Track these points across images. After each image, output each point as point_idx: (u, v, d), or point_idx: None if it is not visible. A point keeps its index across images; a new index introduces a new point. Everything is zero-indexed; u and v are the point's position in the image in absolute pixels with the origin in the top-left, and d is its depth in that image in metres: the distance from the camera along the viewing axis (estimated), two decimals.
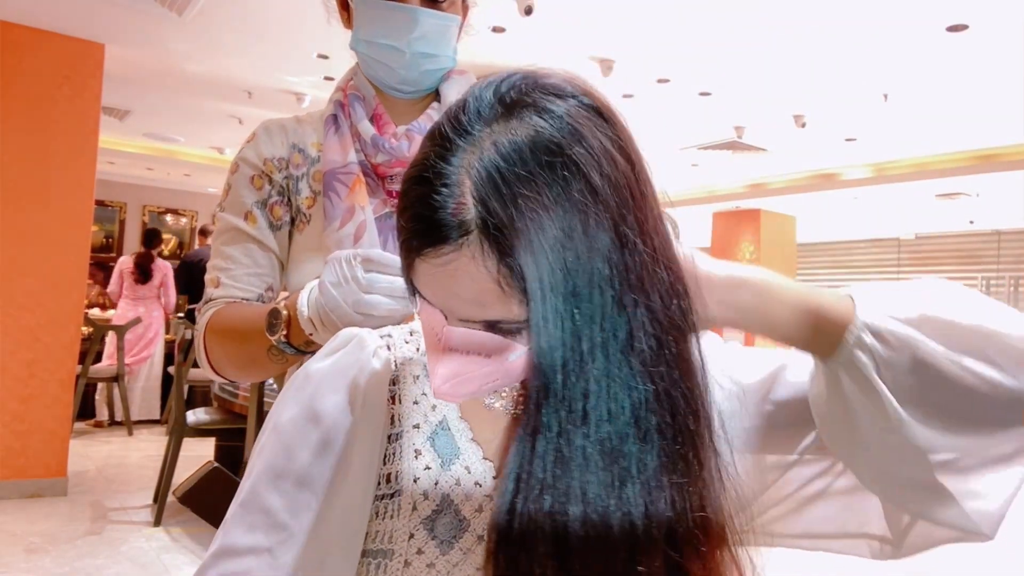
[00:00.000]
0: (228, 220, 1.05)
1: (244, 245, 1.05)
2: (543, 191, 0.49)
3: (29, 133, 4.11)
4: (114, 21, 4.05)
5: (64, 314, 4.21)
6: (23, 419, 4.10)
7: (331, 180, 1.01)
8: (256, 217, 1.05)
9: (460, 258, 0.51)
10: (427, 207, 0.51)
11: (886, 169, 6.16)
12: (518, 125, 0.51)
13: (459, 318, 0.54)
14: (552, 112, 0.51)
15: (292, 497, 0.60)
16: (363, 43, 1.03)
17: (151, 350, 6.31)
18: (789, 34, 3.75)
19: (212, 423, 3.89)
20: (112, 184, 8.79)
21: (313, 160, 1.07)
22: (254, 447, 0.65)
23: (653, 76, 4.37)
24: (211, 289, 1.05)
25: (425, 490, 0.61)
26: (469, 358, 0.54)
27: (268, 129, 1.08)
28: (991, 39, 3.64)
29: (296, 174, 1.06)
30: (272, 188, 1.06)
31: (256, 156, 1.06)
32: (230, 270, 1.04)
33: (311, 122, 1.10)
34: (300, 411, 0.62)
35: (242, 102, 5.48)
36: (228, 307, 1.02)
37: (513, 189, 0.49)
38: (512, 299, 0.51)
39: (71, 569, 3.15)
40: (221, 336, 1.01)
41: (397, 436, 0.63)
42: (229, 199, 1.07)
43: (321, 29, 4.08)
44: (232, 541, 0.59)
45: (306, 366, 0.66)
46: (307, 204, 1.06)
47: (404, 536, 0.60)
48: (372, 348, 0.65)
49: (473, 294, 0.52)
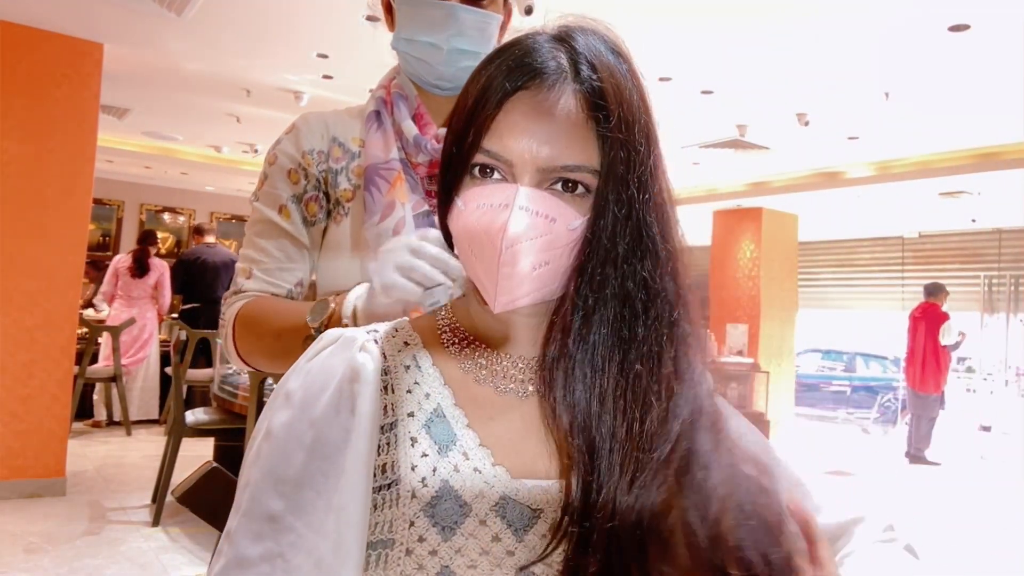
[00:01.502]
0: (262, 211, 1.07)
1: (277, 239, 1.06)
2: (617, 75, 0.62)
3: (28, 132, 4.10)
4: (113, 21, 4.04)
5: (60, 314, 4.20)
6: (22, 419, 4.09)
7: (373, 175, 1.03)
8: (291, 212, 1.06)
9: (557, 95, 0.60)
10: (526, 53, 0.62)
11: (888, 167, 6.15)
12: (586, 35, 0.64)
13: (537, 165, 0.60)
14: (608, 36, 0.66)
15: (294, 498, 0.59)
16: (404, 41, 1.06)
17: (146, 351, 6.29)
18: (791, 33, 3.73)
19: (211, 423, 3.88)
20: (110, 182, 8.78)
21: (353, 155, 1.08)
22: (247, 455, 0.64)
23: (655, 74, 4.36)
24: (242, 279, 1.07)
25: (423, 477, 0.61)
26: (535, 219, 0.59)
27: (308, 121, 1.09)
28: (992, 39, 3.63)
29: (335, 167, 1.07)
30: (308, 183, 1.07)
31: (295, 149, 1.07)
32: (263, 263, 1.06)
33: (352, 116, 1.11)
34: (291, 413, 0.62)
35: (241, 101, 5.46)
36: (261, 300, 1.04)
37: (599, 61, 0.62)
38: (591, 147, 0.60)
39: (70, 569, 3.14)
40: (254, 327, 1.02)
41: (391, 426, 0.63)
42: (264, 190, 1.08)
43: (320, 28, 4.09)
44: (242, 552, 0.59)
45: (292, 368, 0.66)
46: (345, 197, 1.07)
47: (404, 524, 0.60)
48: (359, 342, 0.65)
49: (566, 126, 0.60)
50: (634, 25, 3.71)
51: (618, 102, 0.61)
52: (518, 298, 0.62)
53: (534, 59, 0.61)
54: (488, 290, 0.62)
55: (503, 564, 0.59)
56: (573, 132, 0.60)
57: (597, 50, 0.63)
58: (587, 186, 0.61)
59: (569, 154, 0.60)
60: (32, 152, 4.11)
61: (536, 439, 0.64)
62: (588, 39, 0.64)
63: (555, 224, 0.60)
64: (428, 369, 0.66)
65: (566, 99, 0.60)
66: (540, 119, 0.60)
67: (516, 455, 0.63)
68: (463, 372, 0.67)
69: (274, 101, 5.38)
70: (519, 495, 0.61)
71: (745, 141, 5.63)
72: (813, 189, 6.81)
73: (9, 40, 4.06)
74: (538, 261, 0.60)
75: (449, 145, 0.65)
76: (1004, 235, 8.41)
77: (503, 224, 0.59)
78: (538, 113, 0.60)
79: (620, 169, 0.61)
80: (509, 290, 0.61)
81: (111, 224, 9.16)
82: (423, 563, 0.59)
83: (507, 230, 0.59)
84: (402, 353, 0.67)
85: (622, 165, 0.61)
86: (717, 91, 4.65)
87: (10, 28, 4.07)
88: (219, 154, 7.49)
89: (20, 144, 4.07)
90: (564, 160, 0.60)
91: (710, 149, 5.93)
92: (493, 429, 0.64)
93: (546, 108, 0.60)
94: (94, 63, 4.32)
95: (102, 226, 9.01)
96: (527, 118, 0.60)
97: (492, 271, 0.60)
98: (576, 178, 0.61)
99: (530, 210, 0.60)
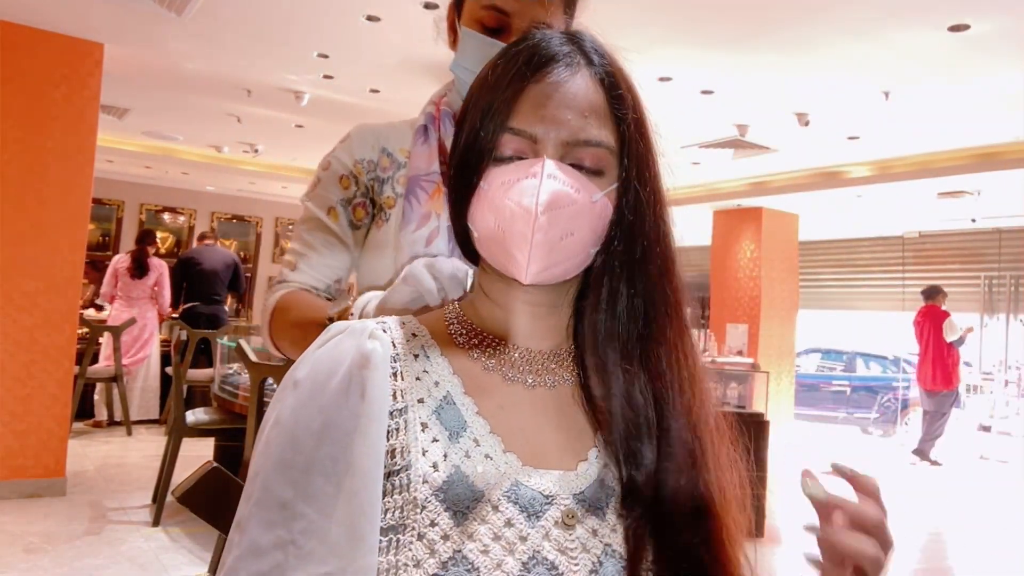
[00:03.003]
0: (313, 211, 1.16)
1: (325, 237, 1.15)
2: (622, 65, 0.68)
3: (27, 132, 4.10)
4: (113, 21, 4.04)
5: (60, 314, 4.20)
6: (22, 419, 4.09)
7: (414, 185, 1.11)
8: (339, 214, 1.15)
9: (576, 77, 0.65)
10: (540, 44, 0.66)
11: (888, 167, 6.15)
12: (587, 34, 0.69)
13: (561, 139, 0.63)
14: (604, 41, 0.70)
15: (303, 485, 0.59)
16: (463, 69, 1.11)
17: (147, 351, 6.29)
18: (791, 32, 3.73)
19: (211, 423, 3.88)
20: (110, 182, 8.77)
21: (400, 164, 1.16)
22: (256, 445, 0.64)
23: (655, 74, 4.36)
24: (287, 271, 1.16)
25: (435, 462, 0.61)
26: (563, 188, 0.62)
27: (361, 132, 1.18)
28: (993, 39, 3.63)
29: (383, 176, 1.16)
30: (358, 189, 1.15)
31: (348, 157, 1.16)
32: (307, 257, 1.15)
33: (401, 129, 1.19)
34: (300, 400, 0.62)
35: (241, 101, 5.46)
36: (299, 292, 1.12)
37: (606, 51, 0.68)
38: (608, 127, 0.65)
39: (70, 569, 3.14)
40: (287, 314, 1.10)
41: (401, 411, 0.63)
42: (317, 192, 1.17)
43: (320, 28, 4.09)
44: (254, 540, 0.59)
45: (301, 357, 0.66)
46: (388, 204, 1.15)
47: (416, 509, 0.60)
48: (368, 331, 0.65)
49: (585, 104, 0.64)
50: (634, 25, 3.71)
51: (628, 87, 0.67)
52: (548, 267, 0.64)
53: (549, 47, 0.66)
54: (519, 261, 0.63)
55: (516, 549, 0.59)
56: (591, 111, 0.64)
57: (601, 44, 0.69)
58: (601, 166, 0.65)
59: (590, 130, 0.64)
60: (32, 152, 4.11)
61: (545, 427, 0.65)
62: (591, 36, 0.69)
63: (580, 195, 0.63)
64: (437, 358, 0.67)
65: (584, 80, 0.65)
66: (561, 97, 0.64)
67: (526, 443, 0.64)
68: (471, 361, 0.68)
69: (274, 101, 5.38)
70: (531, 481, 0.62)
71: (745, 141, 5.63)
72: (813, 189, 6.81)
73: (9, 40, 4.06)
74: (566, 230, 0.63)
75: (468, 134, 0.67)
76: (1004, 235, 8.40)
77: (536, 191, 0.62)
78: (559, 92, 0.64)
79: (639, 148, 0.66)
80: (540, 258, 0.63)
81: (111, 224, 9.15)
82: (435, 548, 0.59)
83: (540, 196, 0.61)
84: (411, 343, 0.67)
85: (640, 144, 0.66)
86: (717, 91, 4.65)
87: (10, 28, 4.07)
88: (219, 154, 7.49)
89: (20, 144, 4.08)
90: (586, 135, 0.64)
91: (710, 149, 5.93)
92: (502, 417, 0.65)
93: (566, 88, 0.64)
94: (94, 63, 4.32)
95: (102, 226, 9.01)
96: (549, 97, 0.64)
97: (524, 240, 0.62)
98: (593, 155, 0.64)
99: (558, 178, 0.62)
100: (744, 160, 6.35)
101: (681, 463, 0.64)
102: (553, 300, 0.69)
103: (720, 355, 6.90)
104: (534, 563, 0.59)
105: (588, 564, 0.61)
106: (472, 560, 0.59)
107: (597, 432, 0.67)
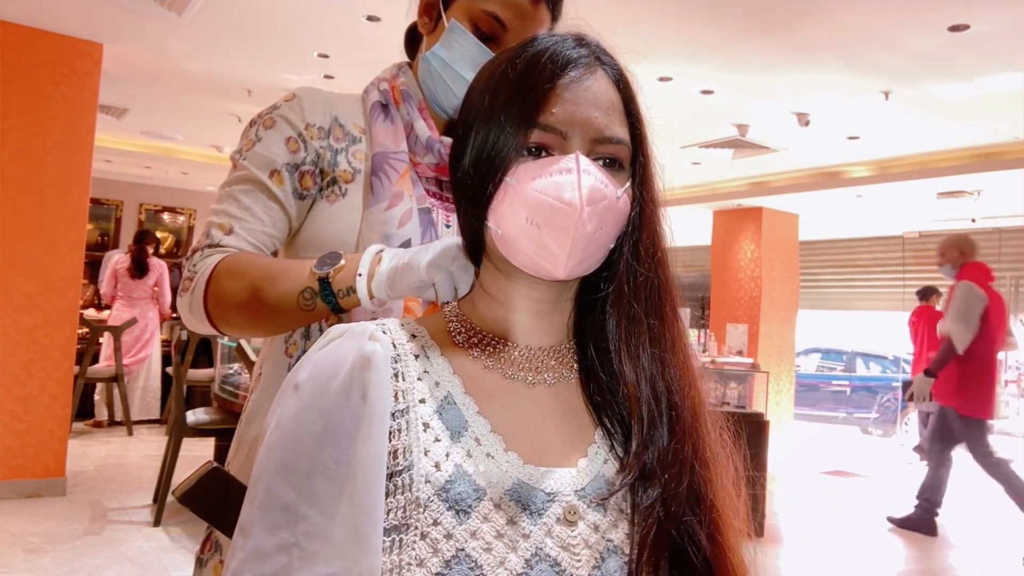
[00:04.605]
0: (250, 170, 1.02)
1: (266, 203, 1.01)
2: (631, 77, 0.70)
3: (26, 132, 4.10)
4: (113, 21, 4.04)
5: (60, 314, 4.20)
6: (22, 419, 4.09)
7: (382, 162, 1.03)
8: (284, 179, 1.03)
9: (594, 77, 0.67)
10: (562, 44, 0.68)
11: (888, 167, 6.15)
12: (590, 35, 0.72)
13: (589, 136, 0.65)
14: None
15: (307, 488, 0.59)
16: (439, 60, 1.05)
17: (148, 351, 6.29)
18: (791, 32, 3.73)
19: (212, 423, 3.87)
20: (109, 182, 8.77)
21: (353, 138, 1.07)
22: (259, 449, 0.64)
23: (655, 74, 4.36)
24: (220, 234, 0.99)
25: (436, 461, 0.61)
26: (597, 183, 0.64)
27: (312, 96, 1.08)
28: (993, 39, 3.63)
29: (336, 147, 1.06)
30: (307, 155, 1.04)
31: (298, 118, 1.05)
32: (246, 222, 1.00)
33: (349, 102, 1.11)
34: (300, 403, 0.62)
35: (241, 100, 5.46)
36: (246, 254, 0.97)
37: (612, 53, 0.70)
38: (624, 125, 0.68)
39: (70, 569, 3.14)
40: (239, 279, 0.93)
41: (403, 412, 0.63)
42: (255, 151, 1.04)
43: (320, 28, 4.08)
44: (258, 544, 0.59)
45: (301, 360, 0.66)
46: (344, 177, 1.05)
47: (418, 509, 0.60)
48: (368, 333, 0.65)
49: (607, 103, 0.66)
50: (635, 24, 3.71)
51: (635, 88, 0.71)
52: (583, 260, 0.65)
53: (567, 49, 0.68)
54: (557, 256, 0.64)
55: (518, 547, 0.60)
56: (613, 110, 0.67)
57: (606, 46, 0.71)
58: (621, 161, 0.67)
59: (614, 128, 0.67)
60: (31, 151, 4.11)
61: (546, 425, 0.66)
62: (595, 38, 0.71)
63: (609, 190, 0.65)
64: (436, 359, 0.67)
65: (603, 81, 0.68)
66: (588, 96, 0.66)
67: (528, 441, 0.65)
68: (471, 360, 0.68)
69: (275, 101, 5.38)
70: (532, 479, 0.62)
71: (745, 141, 5.63)
72: (813, 189, 6.80)
73: (9, 40, 4.06)
74: (599, 224, 0.65)
75: (490, 132, 0.66)
76: (1004, 235, 8.40)
77: (575, 185, 0.63)
78: (586, 91, 0.66)
79: (647, 147, 0.70)
80: (579, 252, 0.64)
81: (110, 224, 9.15)
82: (438, 547, 0.59)
83: (583, 190, 0.63)
84: (410, 343, 0.68)
85: (647, 143, 0.70)
86: (717, 91, 4.65)
87: (10, 28, 4.06)
88: (220, 154, 7.48)
89: (19, 144, 4.07)
90: (611, 132, 0.66)
91: (710, 149, 5.93)
92: (504, 416, 0.65)
93: (590, 87, 0.66)
94: (93, 63, 4.32)
95: (100, 226, 9.00)
96: (577, 95, 0.66)
97: (565, 235, 0.63)
98: (615, 152, 0.67)
99: (592, 173, 0.64)
100: (744, 160, 6.34)
101: (683, 457, 0.66)
102: (557, 297, 0.70)
103: (720, 355, 6.89)
104: (537, 560, 0.60)
105: (591, 560, 0.61)
106: (475, 558, 0.59)
107: (597, 428, 0.67)
